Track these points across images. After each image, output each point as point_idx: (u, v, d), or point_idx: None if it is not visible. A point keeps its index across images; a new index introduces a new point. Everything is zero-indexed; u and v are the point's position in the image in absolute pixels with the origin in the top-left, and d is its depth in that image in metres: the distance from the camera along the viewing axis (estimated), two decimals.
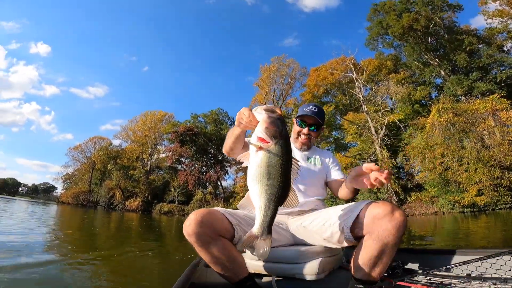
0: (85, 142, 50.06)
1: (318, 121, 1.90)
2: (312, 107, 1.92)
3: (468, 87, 21.73)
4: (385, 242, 1.29)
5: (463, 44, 23.42)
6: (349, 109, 29.52)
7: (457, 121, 17.24)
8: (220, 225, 1.46)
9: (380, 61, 29.84)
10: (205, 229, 1.40)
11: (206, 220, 1.41)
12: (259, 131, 1.11)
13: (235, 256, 1.48)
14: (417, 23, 24.22)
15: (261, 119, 1.12)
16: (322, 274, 1.66)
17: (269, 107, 1.15)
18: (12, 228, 6.86)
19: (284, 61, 38.04)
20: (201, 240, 1.40)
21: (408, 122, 23.16)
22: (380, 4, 28.33)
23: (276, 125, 1.11)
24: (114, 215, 22.00)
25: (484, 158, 16.58)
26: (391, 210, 1.30)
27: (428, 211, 19.19)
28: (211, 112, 42.90)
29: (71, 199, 46.88)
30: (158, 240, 7.21)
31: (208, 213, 1.45)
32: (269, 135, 1.09)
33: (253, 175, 1.10)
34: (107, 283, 2.62)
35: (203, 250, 1.42)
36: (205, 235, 1.40)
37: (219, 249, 1.43)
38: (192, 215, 1.43)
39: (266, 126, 1.10)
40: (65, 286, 2.60)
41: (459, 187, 17.42)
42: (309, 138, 1.93)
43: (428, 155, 18.24)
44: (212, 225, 1.42)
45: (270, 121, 1.11)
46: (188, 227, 1.40)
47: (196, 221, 1.39)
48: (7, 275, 2.72)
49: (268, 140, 1.08)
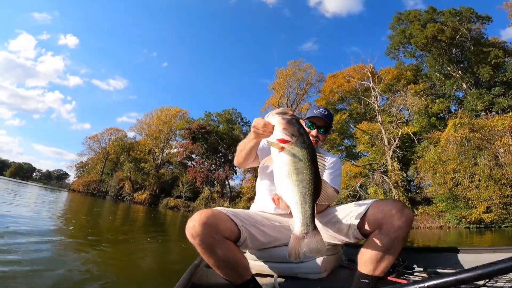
0: (101, 132, 51.33)
1: (327, 123, 1.89)
2: (322, 109, 1.91)
3: (489, 102, 21.10)
4: (394, 237, 1.34)
5: (489, 57, 22.64)
6: (363, 118, 29.15)
7: (473, 137, 16.88)
8: (224, 226, 1.41)
9: (399, 71, 29.30)
10: (210, 231, 1.34)
11: (210, 222, 1.35)
12: (278, 133, 1.12)
13: (239, 259, 1.44)
14: (442, 34, 23.64)
15: (276, 122, 1.15)
16: (324, 273, 1.68)
17: (281, 109, 1.18)
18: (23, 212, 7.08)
19: (301, 65, 37.98)
20: (205, 243, 1.34)
21: (423, 135, 22.70)
22: (405, 13, 27.95)
23: (293, 123, 1.12)
24: (122, 206, 22.45)
25: (496, 176, 16.35)
26: (402, 207, 1.37)
27: (433, 225, 19.13)
28: (224, 111, 43.26)
29: (82, 188, 47.98)
30: (162, 234, 7.24)
31: (213, 214, 1.39)
32: (288, 134, 1.10)
33: (281, 174, 1.09)
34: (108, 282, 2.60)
35: (207, 253, 1.36)
36: (210, 237, 1.34)
37: (224, 252, 1.38)
38: (196, 216, 1.37)
39: (284, 127, 1.12)
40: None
41: (468, 204, 17.29)
42: (317, 140, 1.90)
43: (440, 169, 17.96)
44: (217, 226, 1.37)
45: (286, 121, 1.12)
46: (191, 228, 1.34)
47: (200, 223, 1.33)
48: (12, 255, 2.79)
49: (289, 139, 1.09)
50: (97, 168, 50.93)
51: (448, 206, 18.63)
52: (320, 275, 1.66)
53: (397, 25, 28.73)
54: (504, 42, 25.35)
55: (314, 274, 1.66)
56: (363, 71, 29.38)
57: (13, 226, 4.82)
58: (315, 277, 1.66)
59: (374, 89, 26.78)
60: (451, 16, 24.84)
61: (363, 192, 22.85)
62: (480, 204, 16.68)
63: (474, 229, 16.48)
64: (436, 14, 26.14)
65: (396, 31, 28.20)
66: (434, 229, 18.07)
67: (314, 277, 1.66)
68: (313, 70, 37.90)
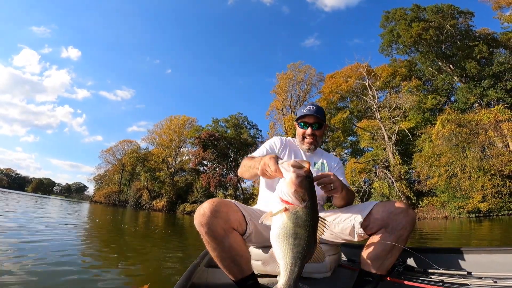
0: (115, 145, 54.45)
1: (319, 118, 1.88)
2: (309, 106, 1.90)
3: (479, 95, 21.87)
4: (399, 236, 1.38)
5: (474, 51, 23.50)
6: (364, 115, 30.10)
7: (460, 131, 18.02)
8: (234, 217, 1.40)
9: (394, 68, 30.26)
10: (220, 220, 1.33)
11: (221, 211, 1.34)
12: (286, 194, 1.04)
13: (243, 251, 1.43)
14: (426, 32, 24.46)
15: (288, 179, 1.06)
16: (329, 272, 1.69)
17: (296, 162, 1.09)
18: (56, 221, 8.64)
19: (300, 67, 39.42)
20: (214, 232, 1.33)
21: (416, 131, 23.61)
22: (392, 12, 28.52)
23: (305, 186, 1.05)
24: (142, 214, 24.08)
25: (485, 167, 17.36)
26: (406, 207, 1.41)
27: (439, 216, 20.02)
28: (231, 116, 44.89)
29: (104, 199, 50.90)
30: (181, 240, 7.72)
31: (224, 203, 1.39)
32: (298, 198, 1.03)
33: (278, 234, 1.05)
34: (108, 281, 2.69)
35: (213, 242, 1.35)
36: (219, 226, 1.33)
37: (231, 244, 1.37)
38: (206, 203, 1.36)
39: (295, 189, 1.04)
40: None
41: (464, 194, 18.19)
42: (315, 137, 1.91)
43: (435, 163, 19.13)
44: (227, 216, 1.36)
45: (298, 182, 1.04)
46: (201, 216, 1.32)
47: (211, 210, 1.32)
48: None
49: (297, 204, 1.03)
50: (114, 179, 53.87)
51: (449, 196, 19.54)
52: (325, 274, 1.66)
53: (386, 23, 29.41)
54: (493, 33, 25.76)
55: (319, 274, 1.66)
56: (359, 70, 30.30)
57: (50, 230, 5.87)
58: (320, 276, 1.66)
59: (371, 87, 27.89)
60: (434, 14, 25.40)
61: (367, 188, 23.76)
62: (475, 194, 17.70)
63: (474, 218, 17.40)
64: (421, 11, 26.86)
65: (385, 31, 28.96)
66: (440, 219, 19.02)
67: (319, 276, 1.66)
68: (312, 70, 39.30)
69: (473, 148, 17.72)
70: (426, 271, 1.61)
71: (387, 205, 1.47)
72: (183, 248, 4.85)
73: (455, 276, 1.51)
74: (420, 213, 20.93)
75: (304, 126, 1.91)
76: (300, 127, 1.93)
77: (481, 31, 26.33)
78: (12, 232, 4.91)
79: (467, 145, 18.09)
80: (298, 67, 39.24)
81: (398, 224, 1.39)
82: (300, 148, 1.99)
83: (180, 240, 7.49)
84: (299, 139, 1.97)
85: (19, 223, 6.46)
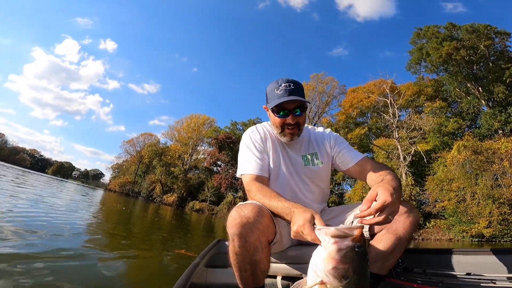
0: (136, 137, 56.40)
1: (300, 101, 1.45)
2: (284, 85, 1.45)
3: (504, 121, 21.22)
4: (401, 236, 1.32)
5: (504, 75, 22.55)
6: (383, 133, 29.78)
7: (475, 159, 17.82)
8: (271, 228, 1.29)
9: (419, 87, 29.70)
10: (258, 233, 1.20)
11: (262, 222, 1.21)
12: (323, 272, 0.82)
13: (267, 266, 1.32)
14: (457, 52, 23.78)
15: (327, 253, 0.83)
16: None
17: (340, 231, 0.83)
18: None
19: (323, 78, 39.42)
20: (249, 244, 1.20)
21: (433, 154, 23.18)
22: (424, 29, 27.91)
23: (349, 261, 0.81)
24: (152, 207, 24.70)
25: (495, 195, 17.30)
26: (410, 208, 1.33)
27: (443, 238, 20.10)
28: (249, 121, 45.18)
29: (118, 188, 52.55)
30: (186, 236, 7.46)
31: (264, 211, 1.25)
32: (337, 277, 0.81)
33: None
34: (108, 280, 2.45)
35: (243, 255, 1.22)
36: (256, 239, 1.21)
37: (261, 259, 1.25)
38: (248, 211, 1.21)
39: (335, 265, 0.81)
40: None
41: (472, 219, 18.25)
42: (298, 125, 1.52)
43: (446, 187, 19.01)
44: (266, 227, 1.24)
45: (339, 256, 0.81)
46: (241, 226, 1.18)
47: (254, 220, 1.19)
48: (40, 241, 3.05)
49: (334, 284, 0.81)
50: (131, 170, 55.52)
51: (455, 220, 19.56)
52: None
53: (418, 40, 28.79)
54: None
55: None
56: (383, 86, 29.95)
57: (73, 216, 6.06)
58: None
59: (393, 105, 27.57)
60: (468, 33, 24.49)
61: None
62: (480, 219, 17.76)
63: (476, 242, 17.73)
64: (456, 29, 26.05)
65: (415, 48, 28.44)
66: (444, 241, 19.21)
67: None
68: (335, 82, 39.10)
69: (485, 176, 17.59)
70: (425, 272, 1.58)
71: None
72: (185, 247, 4.78)
73: (454, 277, 1.51)
74: (425, 234, 21.15)
75: (283, 115, 1.47)
76: (277, 116, 1.49)
77: None
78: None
79: (480, 173, 17.92)
80: (321, 78, 39.20)
81: (401, 225, 1.32)
82: (282, 140, 1.60)
83: (183, 235, 7.62)
84: (277, 130, 1.55)
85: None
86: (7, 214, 4.16)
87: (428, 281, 1.51)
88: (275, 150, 1.61)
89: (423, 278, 1.55)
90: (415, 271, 1.61)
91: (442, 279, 1.51)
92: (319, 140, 1.69)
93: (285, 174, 1.60)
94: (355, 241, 0.83)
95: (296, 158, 1.62)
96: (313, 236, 0.94)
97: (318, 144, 1.68)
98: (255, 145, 1.60)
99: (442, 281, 1.49)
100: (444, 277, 1.53)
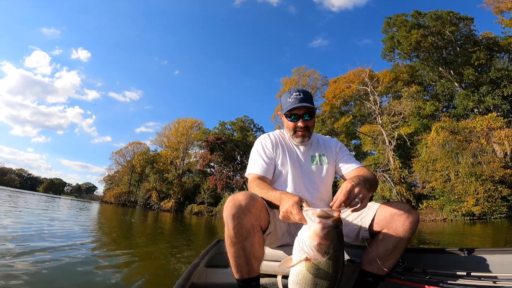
0: (125, 146, 56.30)
1: (309, 107, 1.69)
2: (296, 94, 1.69)
3: (477, 101, 22.27)
4: (401, 236, 1.35)
5: (472, 58, 23.76)
6: (367, 119, 30.48)
7: (453, 139, 18.82)
8: (264, 214, 1.37)
9: (396, 73, 30.78)
10: (251, 216, 1.28)
11: (255, 206, 1.31)
12: (308, 247, 0.97)
13: (261, 253, 1.38)
14: (425, 40, 24.86)
15: (313, 230, 0.98)
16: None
17: (324, 212, 1.00)
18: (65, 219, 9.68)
19: (305, 71, 40.34)
20: (242, 227, 1.26)
21: (414, 137, 24.19)
22: (393, 18, 28.85)
23: (330, 238, 0.97)
24: (151, 214, 25.02)
25: (476, 173, 18.13)
26: (409, 208, 1.39)
27: (437, 218, 20.72)
28: (237, 119, 45.83)
29: (114, 199, 52.61)
30: (187, 239, 7.52)
31: (257, 198, 1.35)
32: (320, 252, 0.97)
33: (295, 281, 1.01)
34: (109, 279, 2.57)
35: (237, 238, 1.28)
36: (249, 222, 1.28)
37: (253, 243, 1.31)
38: (241, 195, 1.30)
39: (318, 242, 0.96)
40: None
41: (458, 198, 18.94)
42: (308, 128, 1.74)
43: (431, 168, 20.00)
44: (259, 212, 1.32)
45: (323, 234, 0.97)
46: (235, 208, 1.26)
47: (246, 203, 1.28)
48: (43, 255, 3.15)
49: (318, 258, 0.97)
50: (124, 180, 55.50)
51: (445, 200, 20.30)
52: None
53: (388, 28, 29.76)
54: (495, 37, 25.73)
55: None
56: (362, 75, 30.80)
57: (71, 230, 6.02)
58: None
59: (373, 92, 28.60)
60: (433, 20, 25.55)
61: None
62: (468, 198, 18.42)
63: (468, 221, 18.12)
64: (421, 17, 27.04)
65: (386, 37, 29.42)
66: (438, 222, 19.67)
67: None
68: (317, 74, 40.17)
69: (465, 155, 18.44)
70: (425, 271, 1.58)
71: (389, 206, 1.45)
72: (186, 249, 5.06)
73: (454, 277, 1.49)
74: (420, 215, 21.08)
75: (294, 118, 1.72)
76: (290, 120, 1.73)
77: (484, 35, 26.34)
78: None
79: (460, 152, 18.82)
80: (302, 71, 40.20)
81: (401, 225, 1.36)
82: (292, 142, 1.83)
83: (185, 237, 7.93)
84: (290, 132, 1.78)
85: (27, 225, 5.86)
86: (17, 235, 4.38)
87: (428, 281, 1.48)
88: (286, 152, 1.79)
89: (423, 278, 1.53)
90: (415, 270, 1.61)
91: (442, 278, 1.49)
92: (327, 144, 1.89)
93: (293, 173, 1.73)
94: (335, 222, 0.99)
95: (306, 157, 1.79)
96: (300, 215, 1.06)
97: (326, 147, 1.87)
98: (265, 150, 1.78)
99: (442, 280, 1.46)
100: (444, 277, 1.51)
